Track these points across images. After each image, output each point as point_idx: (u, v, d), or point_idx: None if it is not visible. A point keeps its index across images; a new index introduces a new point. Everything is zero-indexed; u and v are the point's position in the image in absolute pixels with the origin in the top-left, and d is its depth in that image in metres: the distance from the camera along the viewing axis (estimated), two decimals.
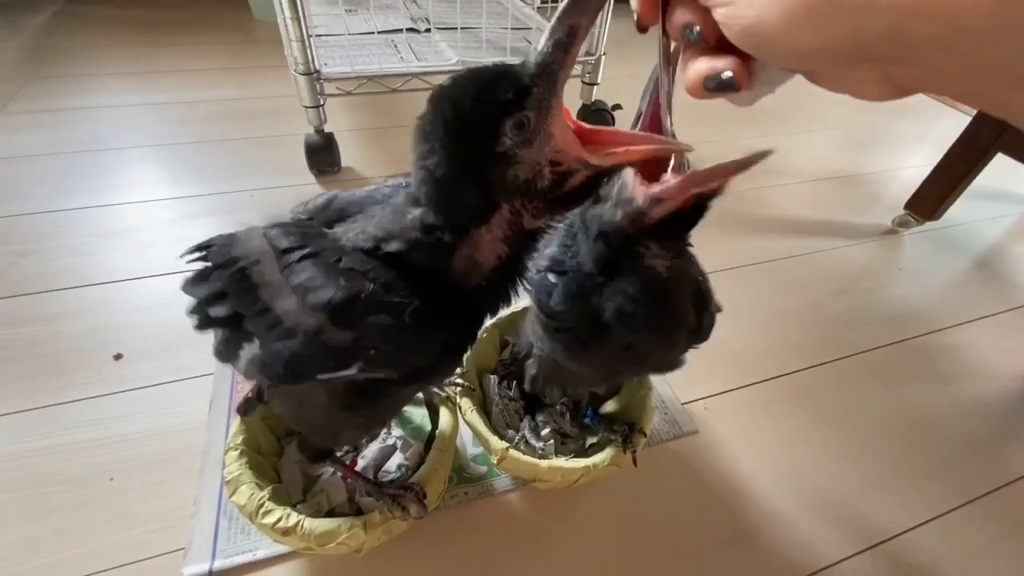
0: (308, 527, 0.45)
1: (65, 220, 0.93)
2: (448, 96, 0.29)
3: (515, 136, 0.29)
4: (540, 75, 0.28)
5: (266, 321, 0.36)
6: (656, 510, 0.61)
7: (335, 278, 0.33)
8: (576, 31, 0.27)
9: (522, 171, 0.30)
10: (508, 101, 0.28)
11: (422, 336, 0.34)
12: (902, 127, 1.56)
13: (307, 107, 1.00)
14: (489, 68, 0.29)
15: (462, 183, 0.30)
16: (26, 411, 0.64)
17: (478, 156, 0.29)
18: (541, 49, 0.28)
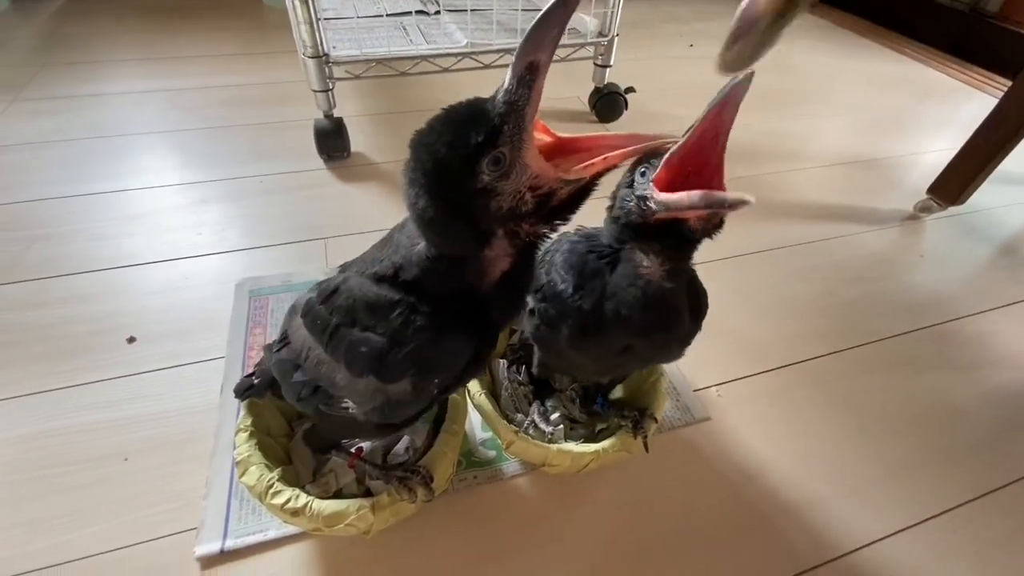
0: (317, 508, 0.45)
1: (79, 205, 0.94)
2: (424, 144, 0.31)
3: (492, 172, 0.30)
4: (509, 112, 0.29)
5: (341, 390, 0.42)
6: (668, 497, 0.60)
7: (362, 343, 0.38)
8: (536, 67, 0.28)
9: (504, 201, 0.32)
10: (481, 143, 0.29)
11: (454, 352, 0.38)
12: (925, 110, 1.51)
13: (316, 91, 0.99)
14: (462, 108, 0.31)
15: (451, 221, 0.33)
16: (41, 392, 0.65)
17: (461, 195, 0.31)
18: (506, 87, 0.29)
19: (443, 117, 0.31)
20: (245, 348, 0.71)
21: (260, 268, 0.83)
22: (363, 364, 0.38)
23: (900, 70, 1.77)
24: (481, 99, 0.31)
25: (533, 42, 0.28)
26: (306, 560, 0.53)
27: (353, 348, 0.38)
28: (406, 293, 0.37)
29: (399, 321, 0.36)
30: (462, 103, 0.31)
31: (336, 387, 0.42)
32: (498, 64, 1.11)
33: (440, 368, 0.38)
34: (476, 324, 0.38)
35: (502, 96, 0.29)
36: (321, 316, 0.41)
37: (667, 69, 1.58)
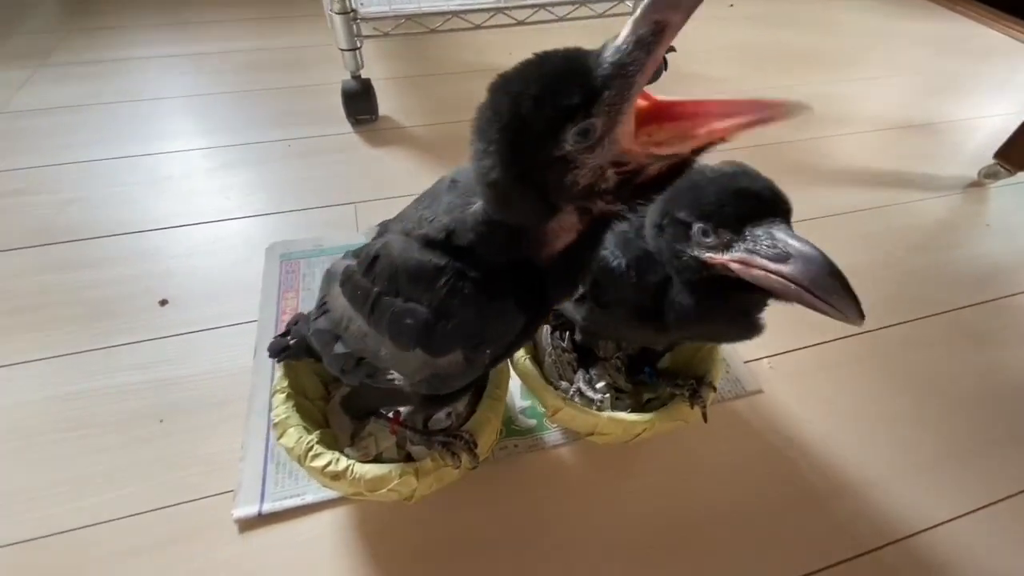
0: (359, 472, 0.43)
1: (107, 169, 0.93)
2: (508, 91, 0.26)
3: (577, 143, 0.25)
4: (614, 76, 0.24)
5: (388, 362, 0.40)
6: (717, 471, 0.57)
7: (407, 314, 0.35)
8: (663, 29, 0.23)
9: (582, 176, 0.27)
10: (574, 106, 0.24)
11: (504, 323, 0.35)
12: (985, 72, 1.41)
13: (343, 50, 0.96)
14: (559, 58, 0.25)
15: (518, 188, 0.28)
16: (77, 353, 0.65)
17: (536, 160, 0.26)
18: (619, 45, 0.24)
19: (536, 64, 0.26)
20: (278, 312, 0.70)
21: (290, 232, 0.81)
22: (409, 337, 0.35)
23: (956, 30, 1.64)
24: (583, 51, 0.25)
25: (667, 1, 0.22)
26: (344, 525, 0.52)
27: (398, 320, 0.35)
28: (454, 258, 0.33)
29: (445, 290, 0.33)
30: (560, 51, 0.26)
31: (381, 359, 0.39)
32: (532, 20, 1.05)
33: (491, 340, 0.35)
34: (528, 294, 0.34)
35: (611, 55, 0.24)
36: (362, 285, 0.38)
37: (707, 29, 1.49)
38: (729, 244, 0.34)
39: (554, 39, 1.03)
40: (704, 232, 0.35)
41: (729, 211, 0.33)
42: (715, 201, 0.34)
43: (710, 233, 0.34)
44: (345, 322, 0.41)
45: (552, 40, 0.27)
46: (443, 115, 1.08)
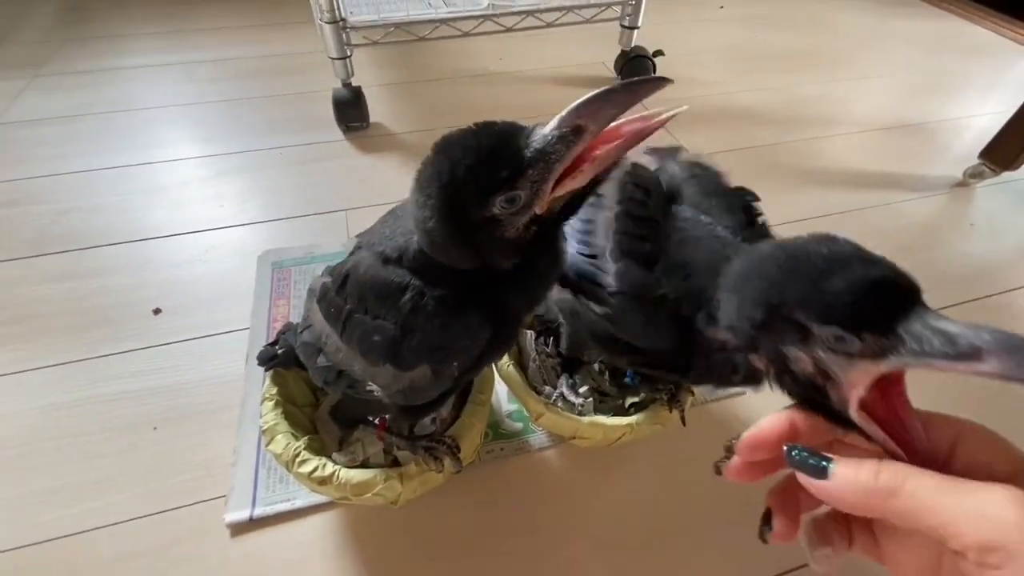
0: (344, 477, 0.44)
1: (101, 179, 0.94)
2: (448, 155, 0.30)
3: (504, 208, 0.29)
4: (537, 160, 0.28)
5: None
6: (701, 472, 0.58)
7: (375, 330, 0.36)
8: (581, 132, 0.27)
9: (508, 232, 0.31)
10: (502, 179, 0.28)
11: (470, 336, 0.36)
12: (973, 72, 1.42)
13: (334, 59, 0.97)
14: (495, 132, 0.29)
15: (450, 240, 0.32)
16: (71, 363, 0.66)
17: (466, 218, 0.30)
18: (546, 135, 0.28)
19: (475, 135, 0.30)
20: (269, 319, 0.71)
21: (282, 240, 0.82)
22: (378, 353, 0.36)
23: (946, 28, 1.65)
24: (516, 127, 0.29)
25: (588, 109, 0.27)
26: (333, 529, 0.53)
27: (367, 337, 0.37)
28: (415, 275, 0.35)
29: (409, 307, 0.35)
30: (496, 125, 0.30)
31: (357, 373, 0.41)
32: (521, 27, 1.06)
33: (456, 353, 0.36)
34: (493, 307, 0.36)
35: (538, 141, 0.28)
36: (335, 303, 0.40)
37: (696, 32, 1.51)
38: (883, 350, 0.26)
39: (543, 44, 1.06)
40: (840, 339, 0.27)
41: (875, 310, 0.26)
42: (851, 296, 0.27)
43: (850, 339, 0.27)
44: (324, 337, 0.43)
45: (540, 45, 0.29)
46: (434, 121, 1.09)
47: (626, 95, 0.27)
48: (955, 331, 0.25)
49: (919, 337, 0.25)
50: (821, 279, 0.27)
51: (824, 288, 0.27)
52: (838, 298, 0.26)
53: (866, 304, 0.26)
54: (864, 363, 0.27)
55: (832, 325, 0.27)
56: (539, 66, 1.29)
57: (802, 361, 0.30)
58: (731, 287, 0.33)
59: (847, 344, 0.27)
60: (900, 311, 0.26)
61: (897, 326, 0.26)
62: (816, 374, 0.29)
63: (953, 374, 0.25)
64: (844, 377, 0.28)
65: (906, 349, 0.25)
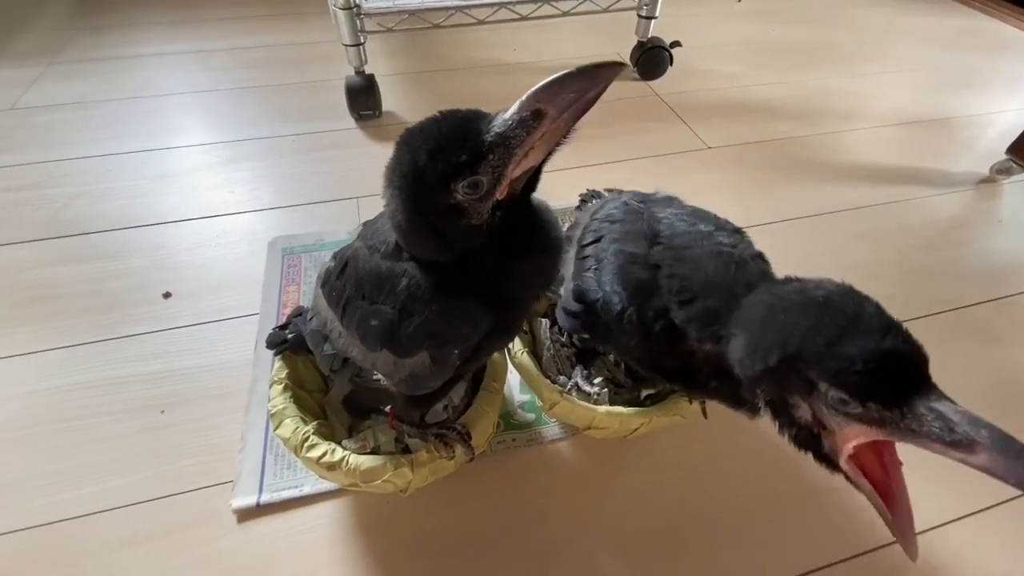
0: (354, 463, 0.43)
1: (114, 164, 0.93)
2: (409, 145, 0.30)
3: (467, 194, 0.29)
4: (498, 145, 0.28)
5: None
6: (716, 466, 0.57)
7: (373, 316, 0.36)
8: (541, 116, 0.28)
9: (473, 218, 0.31)
10: (461, 164, 0.28)
11: (468, 323, 0.35)
12: (997, 67, 1.38)
13: (347, 46, 0.96)
14: (457, 119, 0.29)
15: (418, 229, 0.32)
16: (82, 344, 0.65)
17: (431, 206, 0.30)
18: (506, 119, 0.28)
19: (436, 123, 0.30)
20: (279, 305, 0.70)
21: (293, 226, 0.82)
22: (375, 338, 0.36)
23: (968, 24, 1.62)
24: (479, 113, 0.29)
25: (547, 93, 0.27)
26: (340, 517, 0.52)
27: (364, 321, 0.36)
28: (411, 264, 0.35)
29: (405, 293, 0.34)
30: (459, 112, 0.30)
31: (358, 359, 0.41)
32: (535, 16, 1.05)
33: (455, 340, 0.36)
34: (492, 293, 0.35)
35: (499, 125, 0.28)
36: (336, 287, 0.39)
37: (712, 24, 1.48)
38: (882, 421, 0.28)
39: (557, 34, 1.04)
40: (844, 402, 0.28)
41: (883, 384, 0.27)
42: (862, 366, 0.27)
43: (854, 405, 0.28)
44: (328, 323, 0.42)
45: (555, 36, 0.29)
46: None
47: (584, 79, 0.27)
48: (955, 419, 0.26)
49: (919, 417, 0.27)
50: (838, 342, 0.28)
51: (839, 353, 0.28)
52: (851, 365, 0.27)
53: (876, 377, 0.27)
54: (862, 426, 0.28)
55: (840, 389, 0.28)
56: (554, 57, 1.27)
57: (802, 409, 0.31)
58: (747, 327, 0.33)
59: (850, 407, 0.28)
60: (907, 387, 0.28)
61: (901, 402, 0.27)
62: (813, 423, 0.31)
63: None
64: (840, 431, 0.30)
65: (904, 425, 0.27)
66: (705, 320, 0.36)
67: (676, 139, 1.04)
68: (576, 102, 0.27)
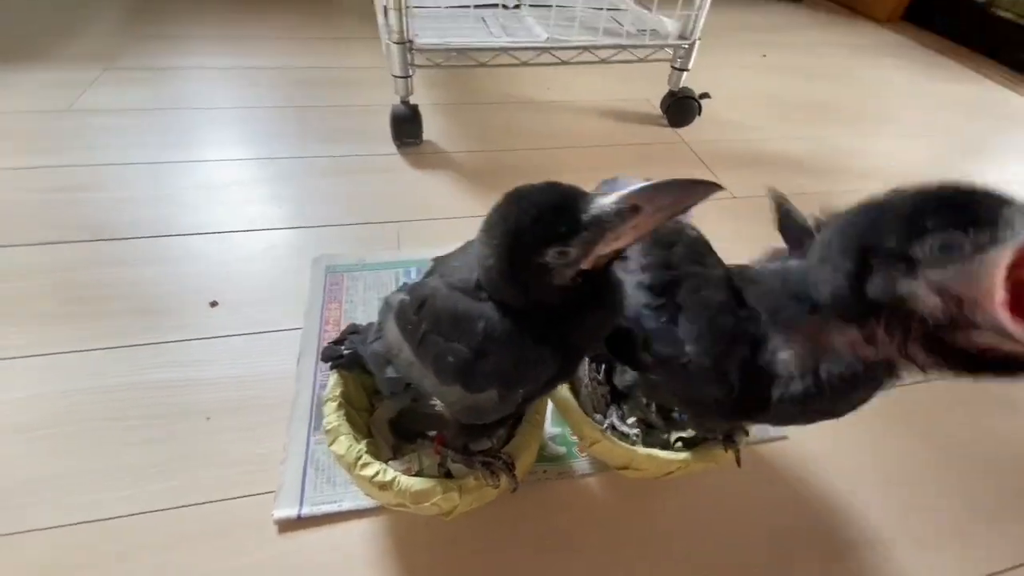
0: (405, 484, 0.45)
1: (165, 172, 0.97)
2: (517, 206, 0.33)
3: (555, 260, 0.33)
4: (594, 225, 0.31)
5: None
6: (739, 514, 0.58)
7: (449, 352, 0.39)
8: (636, 210, 0.31)
9: (556, 279, 0.34)
10: (559, 235, 0.32)
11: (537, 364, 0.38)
12: (1014, 138, 1.43)
13: (396, 77, 1.01)
14: (560, 194, 0.32)
15: (506, 279, 0.35)
16: (131, 346, 0.68)
17: (523, 262, 0.33)
18: (605, 205, 0.31)
19: (542, 192, 0.33)
20: (321, 322, 0.73)
21: (335, 245, 0.85)
22: (450, 373, 0.39)
23: (982, 93, 1.68)
24: (580, 192, 0.33)
25: (648, 195, 0.30)
26: (376, 535, 0.54)
27: (441, 358, 0.39)
28: (489, 306, 0.38)
29: (482, 335, 0.37)
30: (563, 187, 0.33)
31: (424, 387, 0.43)
32: (576, 61, 1.10)
33: (524, 380, 0.39)
34: (560, 339, 0.38)
35: (597, 209, 0.31)
36: (412, 321, 0.42)
37: (739, 78, 1.54)
38: (993, 240, 0.23)
39: (589, 77, 1.10)
40: (946, 247, 0.24)
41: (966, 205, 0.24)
42: (937, 203, 0.25)
43: (957, 238, 0.24)
44: (396, 349, 0.44)
45: (587, 78, 0.32)
46: (483, 143, 1.12)
47: (683, 193, 0.30)
48: None
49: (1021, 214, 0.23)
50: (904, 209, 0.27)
51: (911, 212, 0.26)
52: (927, 206, 0.25)
53: (957, 202, 0.25)
54: (985, 260, 0.23)
55: (932, 233, 0.25)
56: (585, 98, 1.33)
57: (923, 295, 0.26)
58: (818, 257, 0.31)
59: (956, 248, 0.24)
60: (990, 205, 0.24)
61: (994, 215, 0.24)
62: (945, 304, 0.25)
63: None
64: (976, 288, 0.24)
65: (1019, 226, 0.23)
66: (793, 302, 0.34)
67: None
68: (670, 207, 0.30)
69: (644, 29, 1.15)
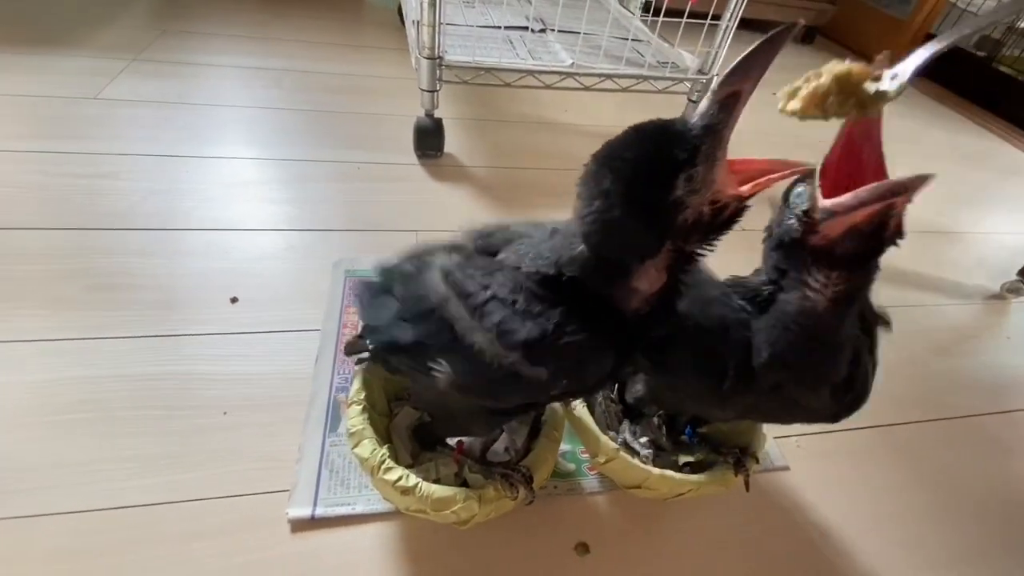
0: (427, 490, 0.46)
1: (192, 166, 0.99)
2: (623, 156, 0.32)
3: (686, 187, 0.31)
4: (707, 134, 0.31)
5: (463, 351, 0.39)
6: (746, 539, 0.60)
7: (522, 320, 0.37)
8: (739, 95, 0.30)
9: (689, 214, 0.33)
10: (683, 160, 0.31)
11: (597, 362, 0.38)
12: (1010, 190, 1.49)
13: (424, 90, 1.03)
14: (655, 128, 0.32)
15: (636, 228, 0.33)
16: (153, 336, 0.69)
17: (653, 206, 0.32)
18: (705, 109, 0.31)
19: (638, 135, 0.32)
20: (339, 325, 0.74)
21: (355, 250, 0.86)
22: (513, 339, 0.37)
23: (983, 145, 1.74)
24: (668, 120, 0.32)
25: (740, 72, 0.30)
26: (388, 540, 0.54)
27: (509, 322, 0.37)
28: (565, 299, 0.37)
29: (558, 319, 0.36)
30: (651, 123, 0.32)
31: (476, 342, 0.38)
32: (597, 87, 1.13)
33: (576, 372, 0.38)
34: (618, 343, 0.38)
35: (699, 119, 0.31)
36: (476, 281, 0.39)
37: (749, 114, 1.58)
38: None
39: (606, 103, 1.14)
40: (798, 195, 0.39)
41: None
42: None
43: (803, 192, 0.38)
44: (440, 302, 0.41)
45: (603, 104, 0.34)
46: (501, 160, 1.15)
47: (764, 52, 0.29)
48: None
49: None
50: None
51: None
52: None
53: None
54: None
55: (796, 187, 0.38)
56: (600, 123, 1.36)
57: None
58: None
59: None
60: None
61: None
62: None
63: None
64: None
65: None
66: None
67: None
68: (762, 71, 0.30)
69: (665, 62, 1.19)
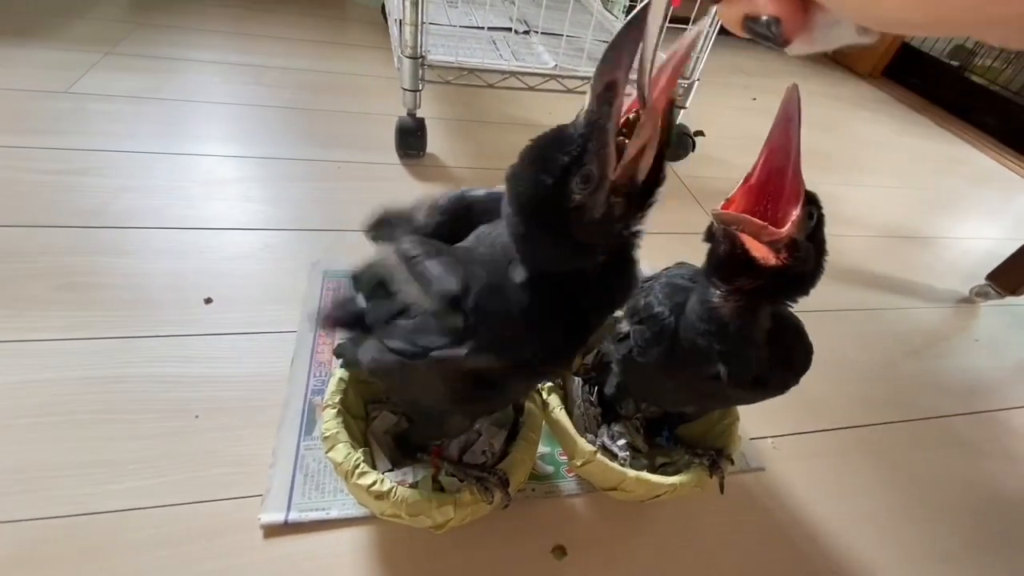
0: (402, 495, 0.45)
1: (165, 163, 0.96)
2: (517, 175, 0.33)
3: (582, 189, 0.31)
4: (591, 131, 0.30)
5: (391, 308, 0.39)
6: (716, 540, 0.60)
7: (455, 271, 0.36)
8: (614, 85, 0.29)
9: (597, 211, 0.32)
10: (568, 164, 0.30)
11: (529, 330, 0.37)
12: (979, 196, 1.53)
13: (406, 89, 1.02)
14: (546, 136, 0.32)
15: (553, 243, 0.34)
16: (123, 338, 0.67)
17: (558, 216, 0.32)
18: (587, 108, 0.30)
19: (530, 148, 0.33)
20: (316, 327, 0.72)
21: (334, 250, 0.85)
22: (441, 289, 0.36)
23: (954, 152, 1.79)
24: (564, 124, 0.32)
25: (609, 63, 0.29)
26: (363, 545, 0.54)
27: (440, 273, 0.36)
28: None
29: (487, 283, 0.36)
30: (546, 132, 0.32)
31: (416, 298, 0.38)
32: (580, 90, 1.13)
33: (524, 343, 0.37)
34: (572, 310, 0.38)
35: (583, 117, 0.30)
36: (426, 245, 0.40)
37: (730, 119, 1.61)
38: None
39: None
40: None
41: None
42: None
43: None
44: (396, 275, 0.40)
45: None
46: (484, 160, 1.15)
47: (629, 31, 0.27)
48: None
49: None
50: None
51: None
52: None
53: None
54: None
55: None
56: None
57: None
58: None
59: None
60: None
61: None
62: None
63: None
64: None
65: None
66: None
67: (692, 220, 1.12)
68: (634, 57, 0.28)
69: None
